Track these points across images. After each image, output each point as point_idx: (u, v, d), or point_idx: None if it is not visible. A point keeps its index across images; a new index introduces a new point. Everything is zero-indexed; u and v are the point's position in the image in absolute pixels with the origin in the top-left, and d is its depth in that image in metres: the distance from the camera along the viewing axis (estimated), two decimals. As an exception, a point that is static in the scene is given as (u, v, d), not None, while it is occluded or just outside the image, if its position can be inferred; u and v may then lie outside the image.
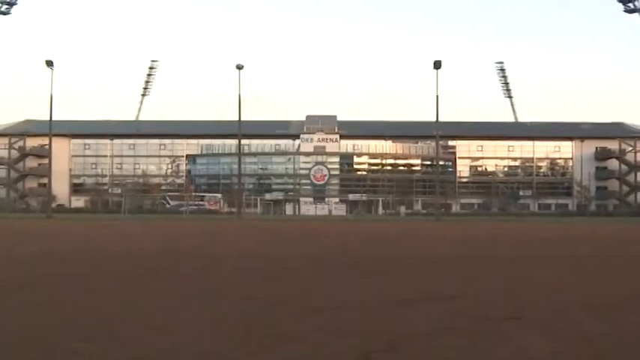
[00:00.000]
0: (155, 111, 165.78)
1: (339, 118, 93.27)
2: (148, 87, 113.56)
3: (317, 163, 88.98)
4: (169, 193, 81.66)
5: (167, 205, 76.03)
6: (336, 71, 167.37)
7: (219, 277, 7.25)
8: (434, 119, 49.69)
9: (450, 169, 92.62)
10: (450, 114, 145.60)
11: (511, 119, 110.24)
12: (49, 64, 47.92)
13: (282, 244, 15.10)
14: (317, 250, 12.60)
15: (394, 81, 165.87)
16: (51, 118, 49.76)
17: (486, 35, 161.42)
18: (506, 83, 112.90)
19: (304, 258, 10.46)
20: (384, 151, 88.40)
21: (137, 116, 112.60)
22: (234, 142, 77.78)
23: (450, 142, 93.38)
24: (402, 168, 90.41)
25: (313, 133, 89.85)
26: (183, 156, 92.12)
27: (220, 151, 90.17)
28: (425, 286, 6.40)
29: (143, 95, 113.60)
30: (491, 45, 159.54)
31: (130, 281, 6.73)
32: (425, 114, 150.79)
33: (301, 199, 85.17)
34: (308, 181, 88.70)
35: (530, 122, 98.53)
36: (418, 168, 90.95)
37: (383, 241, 17.05)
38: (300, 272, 8.06)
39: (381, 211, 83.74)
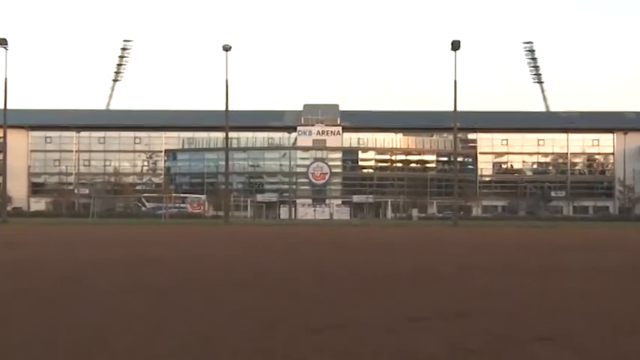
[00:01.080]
0: (129, 99, 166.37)
1: (341, 108, 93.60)
2: (121, 71, 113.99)
3: (316, 160, 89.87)
4: (145, 194, 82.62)
5: (143, 208, 76.74)
6: (337, 54, 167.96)
7: (203, 291, 7.32)
8: (451, 108, 50.26)
9: (471, 167, 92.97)
10: (470, 102, 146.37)
11: (541, 108, 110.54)
12: (3, 42, 47.39)
13: (276, 252, 15.25)
14: (316, 260, 12.75)
15: (405, 65, 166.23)
16: (5, 106, 48.97)
17: (512, 11, 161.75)
18: (536, 67, 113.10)
19: (302, 269, 10.52)
20: (394, 146, 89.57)
21: (108, 105, 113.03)
22: (220, 135, 78.27)
23: (471, 135, 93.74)
24: (414, 165, 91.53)
25: (312, 125, 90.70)
26: (161, 151, 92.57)
27: (204, 146, 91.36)
28: (440, 301, 6.46)
29: (115, 81, 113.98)
30: (518, 22, 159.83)
31: (98, 296, 6.73)
32: (441, 102, 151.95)
33: (298, 200, 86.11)
34: (306, 180, 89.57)
35: (564, 111, 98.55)
36: (433, 165, 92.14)
37: (392, 249, 17.14)
38: (296, 285, 8.14)
39: (390, 214, 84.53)
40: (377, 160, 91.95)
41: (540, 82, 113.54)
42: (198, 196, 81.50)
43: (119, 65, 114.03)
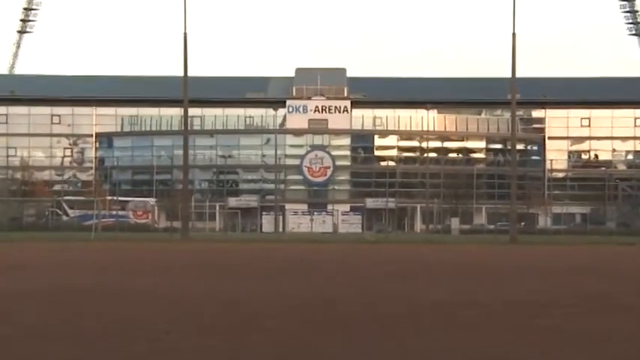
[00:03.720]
0: (42, 60, 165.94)
1: (350, 73, 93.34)
2: (30, 18, 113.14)
3: (314, 148, 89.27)
4: (68, 197, 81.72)
5: (64, 217, 76.45)
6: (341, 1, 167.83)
7: (148, 339, 7.36)
8: (507, 74, 50.03)
9: (536, 157, 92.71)
10: (535, 66, 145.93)
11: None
12: None
13: (253, 281, 15.32)
14: (308, 292, 12.93)
15: (438, 13, 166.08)
16: None
17: None
18: (634, 11, 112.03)
19: (288, 304, 10.58)
20: (425, 128, 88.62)
21: (11, 67, 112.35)
22: (176, 112, 76.24)
23: (536, 113, 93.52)
24: (454, 156, 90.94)
25: (308, 99, 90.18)
26: (91, 135, 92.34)
27: (154, 127, 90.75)
28: (487, 349, 6.45)
29: (21, 32, 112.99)
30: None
31: None
32: (492, 67, 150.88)
33: (288, 206, 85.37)
34: (299, 178, 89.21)
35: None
36: (481, 156, 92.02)
37: (418, 275, 16.80)
38: (280, 326, 8.23)
39: (419, 225, 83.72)
40: (401, 149, 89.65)
41: (639, 35, 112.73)
42: (145, 200, 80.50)
43: (28, 10, 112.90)
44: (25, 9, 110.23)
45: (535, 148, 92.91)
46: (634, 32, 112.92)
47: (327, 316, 9.50)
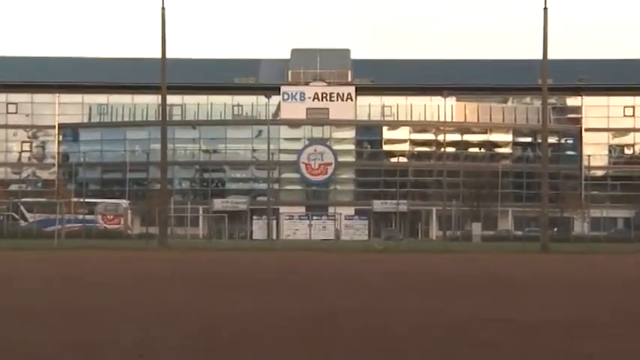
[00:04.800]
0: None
1: (354, 55, 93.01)
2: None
3: (313, 142, 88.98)
4: (26, 199, 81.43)
5: (22, 222, 76.19)
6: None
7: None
8: (537, 56, 49.91)
9: (571, 152, 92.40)
10: (570, 46, 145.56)
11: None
12: None
13: (240, 296, 15.33)
14: (304, 308, 12.96)
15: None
16: None
17: None
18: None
19: (279, 321, 10.61)
20: (442, 119, 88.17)
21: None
22: (153, 99, 76.45)
23: (571, 100, 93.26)
24: (475, 150, 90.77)
25: (306, 84, 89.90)
26: (53, 126, 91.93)
27: (127, 118, 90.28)
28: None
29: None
30: None
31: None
32: (521, 47, 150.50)
33: (283, 209, 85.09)
34: (296, 176, 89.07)
35: None
36: (507, 150, 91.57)
37: (434, 290, 16.86)
38: (269, 348, 8.21)
39: (435, 232, 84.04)
40: (414, 143, 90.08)
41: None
42: (116, 202, 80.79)
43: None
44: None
45: (570, 141, 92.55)
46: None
47: (325, 336, 9.48)
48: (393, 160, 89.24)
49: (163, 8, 51.14)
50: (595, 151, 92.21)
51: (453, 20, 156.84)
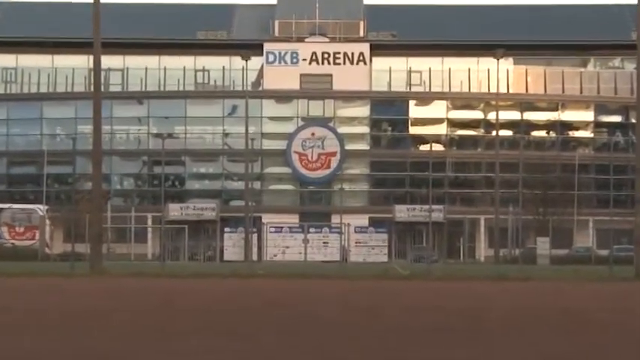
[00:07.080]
0: None
1: (368, 0, 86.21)
2: None
3: (309, 123, 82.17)
4: None
5: None
6: None
7: None
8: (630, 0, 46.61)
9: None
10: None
11: None
12: None
13: (201, 340, 14.08)
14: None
15: None
16: None
17: None
18: None
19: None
20: (494, 89, 78.99)
21: None
22: (81, 61, 70.56)
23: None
24: (541, 134, 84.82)
25: (299, 40, 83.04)
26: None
27: (44, 88, 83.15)
28: None
29: None
30: None
31: None
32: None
33: (266, 217, 76.90)
34: (286, 171, 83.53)
35: None
36: (587, 134, 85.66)
37: (482, 332, 15.69)
38: None
39: (484, 250, 79.19)
40: (453, 124, 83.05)
41: None
42: (29, 208, 73.28)
43: None
44: None
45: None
46: None
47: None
48: (424, 148, 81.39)
49: None
50: None
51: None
